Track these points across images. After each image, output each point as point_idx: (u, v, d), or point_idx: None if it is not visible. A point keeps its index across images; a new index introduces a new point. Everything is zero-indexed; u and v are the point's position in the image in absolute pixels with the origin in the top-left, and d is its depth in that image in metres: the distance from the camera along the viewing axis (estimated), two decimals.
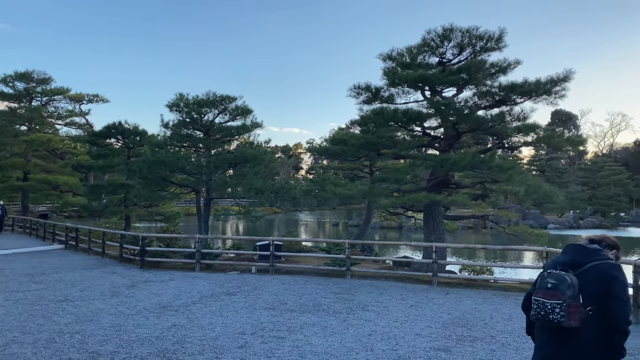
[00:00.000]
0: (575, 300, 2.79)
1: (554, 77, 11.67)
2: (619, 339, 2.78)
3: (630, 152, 78.79)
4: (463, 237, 31.87)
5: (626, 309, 2.79)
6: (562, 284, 2.82)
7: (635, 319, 7.88)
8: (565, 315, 2.78)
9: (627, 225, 45.11)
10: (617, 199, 48.48)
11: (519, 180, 12.13)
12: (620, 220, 47.16)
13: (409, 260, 15.68)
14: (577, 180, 52.86)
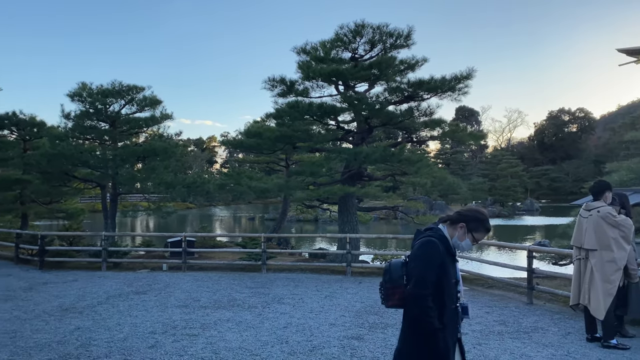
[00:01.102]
0: (392, 282, 3.01)
1: (457, 74, 12.36)
2: (410, 306, 2.96)
3: (526, 146, 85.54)
4: (376, 228, 32.93)
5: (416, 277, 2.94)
6: (385, 269, 3.10)
7: (528, 299, 8.56)
8: (383, 298, 3.06)
9: (522, 214, 48.94)
10: (514, 190, 52.42)
11: (426, 172, 12.74)
12: (516, 209, 51.05)
13: (325, 252, 15.94)
14: (478, 173, 56.46)
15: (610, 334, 5.90)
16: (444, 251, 3.11)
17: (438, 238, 3.14)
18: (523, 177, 56.62)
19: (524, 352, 5.78)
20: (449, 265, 3.13)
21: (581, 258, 6.06)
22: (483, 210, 3.29)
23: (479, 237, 3.19)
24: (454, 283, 3.14)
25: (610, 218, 5.81)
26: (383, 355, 5.66)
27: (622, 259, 5.82)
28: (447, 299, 3.09)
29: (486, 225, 3.19)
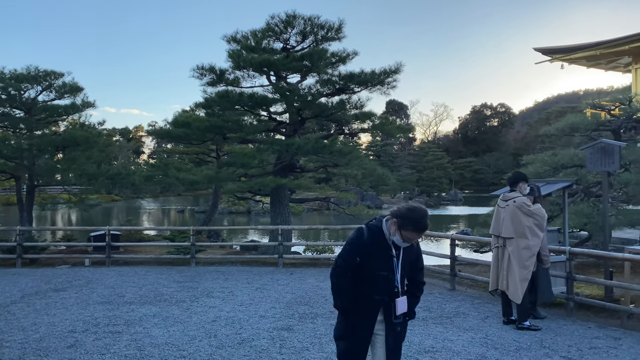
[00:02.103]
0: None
1: (386, 69, 12.63)
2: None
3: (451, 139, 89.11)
4: (308, 219, 33.14)
5: (337, 259, 3.39)
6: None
7: (451, 285, 8.96)
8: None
9: (447, 204, 51.09)
10: (439, 181, 54.63)
11: (356, 164, 12.96)
12: (441, 199, 53.24)
13: (256, 244, 15.84)
14: (407, 164, 58.27)
15: (524, 317, 6.30)
16: (372, 242, 3.22)
17: (370, 228, 3.28)
18: (448, 168, 59.07)
19: (446, 336, 6.04)
20: (377, 257, 3.22)
21: (499, 246, 6.41)
22: (419, 209, 3.26)
23: (407, 235, 3.20)
24: (384, 275, 3.22)
25: (525, 207, 6.18)
26: (312, 345, 5.72)
27: (536, 245, 6.22)
28: (366, 288, 3.24)
29: (416, 224, 3.17)
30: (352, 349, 3.32)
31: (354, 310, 3.27)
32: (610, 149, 7.34)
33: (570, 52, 21.48)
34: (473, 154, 78.34)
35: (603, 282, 7.14)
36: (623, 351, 5.48)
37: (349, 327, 3.30)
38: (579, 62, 22.43)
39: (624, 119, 12.55)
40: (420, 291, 3.52)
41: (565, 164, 12.46)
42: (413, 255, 3.38)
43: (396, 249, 3.25)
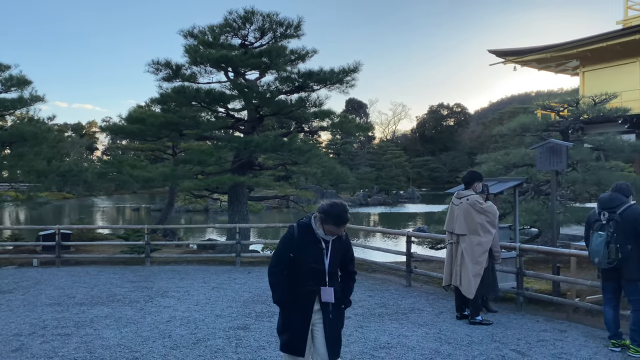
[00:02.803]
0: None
1: (345, 67, 12.70)
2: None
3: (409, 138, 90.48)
4: (268, 217, 33.00)
5: (272, 258, 3.72)
6: None
7: (407, 282, 9.10)
8: None
9: (405, 201, 51.94)
10: (398, 179, 55.46)
11: (316, 162, 12.98)
12: (399, 197, 54.06)
13: (214, 243, 15.64)
14: (366, 163, 58.84)
15: (476, 311, 6.48)
16: (302, 237, 3.52)
17: (300, 225, 3.59)
18: (406, 167, 60.03)
19: (402, 332, 6.13)
20: (308, 251, 3.51)
21: (453, 242, 6.56)
22: (339, 205, 3.52)
23: (328, 229, 3.48)
24: (315, 267, 3.50)
25: (478, 205, 6.34)
26: (268, 343, 5.69)
27: (488, 242, 6.39)
28: (301, 280, 3.52)
29: (335, 218, 3.44)
30: (293, 339, 3.56)
31: (291, 303, 3.54)
32: (558, 149, 7.62)
33: (523, 54, 22.21)
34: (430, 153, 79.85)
35: (551, 277, 7.43)
36: (568, 343, 5.71)
37: (289, 319, 3.57)
38: (530, 65, 23.23)
39: (572, 120, 13.09)
40: (352, 280, 3.82)
41: (516, 163, 12.88)
42: (343, 248, 3.66)
43: (325, 243, 3.53)
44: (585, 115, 12.73)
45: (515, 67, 23.23)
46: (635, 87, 19.48)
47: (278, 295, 3.61)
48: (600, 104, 12.60)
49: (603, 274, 5.58)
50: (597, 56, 20.45)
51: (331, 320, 3.57)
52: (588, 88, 20.96)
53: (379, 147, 64.78)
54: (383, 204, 47.32)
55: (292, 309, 3.56)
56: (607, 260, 5.28)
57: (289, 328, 3.58)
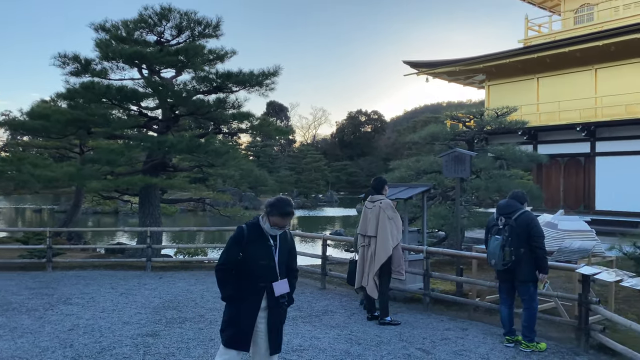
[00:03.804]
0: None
1: (265, 70, 12.67)
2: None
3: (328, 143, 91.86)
4: (183, 220, 32.06)
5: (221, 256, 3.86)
6: None
7: (322, 285, 9.24)
8: None
9: (323, 205, 52.62)
10: (317, 183, 56.06)
11: (233, 165, 12.81)
12: (318, 201, 54.69)
13: (123, 247, 14.95)
14: (286, 166, 58.94)
15: (385, 312, 6.72)
16: (251, 236, 3.72)
17: (249, 225, 3.79)
18: (325, 171, 60.83)
19: (314, 334, 6.23)
20: (257, 248, 3.71)
21: (365, 245, 6.77)
22: (284, 199, 3.80)
23: (274, 221, 3.73)
24: (265, 264, 3.70)
25: (390, 210, 6.60)
26: (178, 350, 5.55)
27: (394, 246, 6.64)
28: (250, 277, 3.69)
29: (280, 210, 3.70)
30: (239, 334, 3.69)
31: (239, 299, 3.69)
32: (462, 157, 8.11)
33: (434, 66, 23.40)
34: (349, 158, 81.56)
35: (455, 279, 7.87)
36: (469, 340, 6.09)
37: (236, 314, 3.69)
38: (441, 77, 24.52)
39: (477, 130, 13.95)
40: (295, 278, 4.02)
41: (426, 170, 13.51)
42: (288, 244, 3.92)
43: (273, 240, 3.77)
44: (489, 127, 13.63)
45: (428, 78, 24.43)
46: (534, 101, 21.18)
47: (227, 291, 3.74)
48: (502, 116, 13.55)
49: (499, 275, 6.02)
50: (501, 72, 22.03)
51: (275, 316, 3.77)
52: (493, 101, 22.51)
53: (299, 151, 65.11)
54: (302, 207, 47.62)
55: (240, 305, 3.69)
56: (502, 262, 5.70)
57: (235, 324, 3.69)
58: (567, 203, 20.16)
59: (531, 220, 5.74)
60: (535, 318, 5.82)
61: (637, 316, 7.13)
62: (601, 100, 19.03)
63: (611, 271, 5.51)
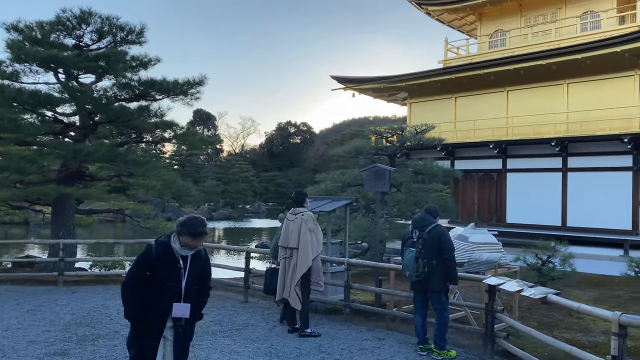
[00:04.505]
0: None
1: (190, 80, 12.47)
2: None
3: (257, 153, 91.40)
4: (101, 232, 30.63)
5: (127, 274, 3.81)
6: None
7: (244, 298, 9.18)
8: None
9: (251, 216, 52.17)
10: (244, 194, 55.50)
11: (154, 175, 12.43)
12: (245, 212, 54.16)
13: (32, 260, 14.04)
14: (213, 176, 57.89)
15: (306, 324, 6.80)
16: (160, 256, 3.58)
17: (158, 244, 3.65)
18: (253, 181, 60.39)
19: (233, 348, 6.18)
20: (165, 270, 3.58)
21: (287, 257, 6.84)
22: (196, 218, 3.67)
23: (185, 241, 3.62)
24: (172, 286, 3.58)
25: (311, 222, 6.73)
26: None
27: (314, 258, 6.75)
28: (156, 297, 3.59)
29: (191, 230, 3.60)
30: (145, 353, 3.62)
31: (143, 319, 3.60)
32: (382, 172, 8.42)
33: (360, 83, 24.09)
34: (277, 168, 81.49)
35: (374, 289, 8.11)
36: (385, 350, 6.30)
37: (140, 334, 3.62)
38: (367, 93, 25.26)
39: (398, 145, 14.52)
40: (207, 295, 3.98)
41: (350, 183, 13.86)
42: (201, 263, 3.80)
43: (184, 260, 3.65)
44: (409, 143, 14.23)
45: (354, 94, 25.08)
46: (451, 119, 22.33)
47: (129, 310, 3.66)
48: (421, 133, 14.20)
49: (413, 286, 6.30)
50: (422, 90, 23.06)
51: (181, 335, 3.71)
52: (414, 118, 23.50)
53: (226, 161, 64.23)
54: (228, 218, 46.93)
55: (145, 324, 3.61)
56: (415, 274, 5.98)
57: (140, 342, 3.62)
58: (481, 216, 21.37)
59: (442, 233, 6.08)
60: (446, 327, 6.14)
61: (539, 323, 7.73)
62: (512, 120, 20.43)
63: (514, 282, 5.93)
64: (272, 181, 74.85)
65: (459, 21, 25.92)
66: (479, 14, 24.15)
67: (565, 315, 8.05)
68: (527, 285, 5.68)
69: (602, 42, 17.51)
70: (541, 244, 9.39)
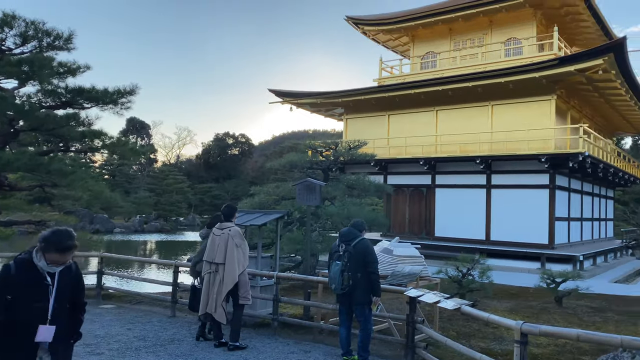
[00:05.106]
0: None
1: (121, 89, 12.12)
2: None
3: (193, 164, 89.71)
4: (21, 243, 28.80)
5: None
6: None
7: (172, 312, 9.02)
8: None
9: (184, 229, 50.92)
10: (178, 205, 54.16)
11: (80, 185, 11.94)
12: (179, 224, 52.83)
13: None
14: (145, 187, 56.14)
15: (236, 337, 6.80)
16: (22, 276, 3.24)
17: (18, 262, 3.31)
18: (188, 193, 59.11)
19: None
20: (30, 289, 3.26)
21: (212, 271, 6.82)
22: (63, 232, 3.38)
23: (51, 258, 3.31)
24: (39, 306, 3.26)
25: (238, 238, 6.76)
26: None
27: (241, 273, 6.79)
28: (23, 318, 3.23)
29: (57, 245, 3.30)
30: None
31: (12, 343, 3.22)
32: (313, 187, 8.60)
33: (298, 97, 24.39)
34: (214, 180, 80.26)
35: (302, 302, 8.23)
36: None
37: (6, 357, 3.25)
38: (304, 107, 25.61)
39: (333, 160, 14.83)
40: (82, 312, 3.67)
41: (285, 196, 13.98)
42: (73, 279, 3.51)
43: (51, 277, 3.33)
44: (342, 158, 14.57)
45: (292, 107, 25.35)
46: (385, 136, 23.04)
47: None
48: (354, 149, 14.58)
49: (339, 299, 6.47)
50: (357, 107, 23.69)
51: (58, 356, 3.43)
52: (350, 133, 24.06)
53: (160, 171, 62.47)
54: (161, 230, 45.58)
55: (13, 349, 3.26)
56: (341, 287, 6.16)
57: None
58: (411, 229, 22.12)
59: (367, 247, 6.31)
60: (369, 338, 6.35)
61: (457, 333, 8.13)
62: (440, 138, 21.39)
63: (432, 293, 6.24)
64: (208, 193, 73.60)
65: (393, 42, 26.92)
66: (412, 35, 25.20)
67: (482, 325, 8.51)
68: (444, 297, 6.00)
69: (523, 67, 18.80)
70: (462, 256, 9.89)
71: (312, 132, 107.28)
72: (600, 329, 8.63)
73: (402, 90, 21.53)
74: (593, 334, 4.35)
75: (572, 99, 21.36)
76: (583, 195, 23.10)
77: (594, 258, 20.47)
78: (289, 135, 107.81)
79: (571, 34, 23.64)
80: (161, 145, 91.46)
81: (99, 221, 40.20)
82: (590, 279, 16.48)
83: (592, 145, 20.10)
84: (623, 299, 12.49)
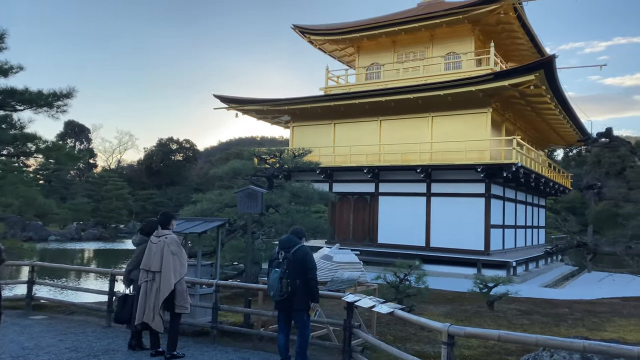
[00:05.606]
0: None
1: (57, 91, 11.76)
2: None
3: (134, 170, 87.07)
4: None
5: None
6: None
7: (107, 322, 8.76)
8: None
9: (125, 236, 49.23)
10: (118, 212, 52.33)
11: (11, 191, 11.45)
12: (119, 231, 51.04)
13: None
14: (83, 193, 53.94)
15: (174, 347, 6.70)
16: None
17: None
18: (129, 199, 57.25)
19: None
20: None
21: (148, 280, 6.70)
22: None
23: None
24: None
25: (174, 245, 6.70)
26: None
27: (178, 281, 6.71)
28: None
29: None
30: None
31: None
32: (255, 194, 8.64)
33: (243, 104, 24.30)
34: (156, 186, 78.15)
35: (242, 310, 8.21)
36: None
37: None
38: (250, 114, 25.53)
39: (277, 168, 14.88)
40: None
41: (229, 203, 13.89)
42: None
43: None
44: (287, 166, 14.66)
45: (237, 114, 25.21)
46: (330, 144, 23.34)
47: None
48: (299, 157, 14.71)
49: (277, 305, 6.53)
50: (304, 115, 23.88)
51: None
52: (296, 141, 24.19)
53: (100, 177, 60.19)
54: (99, 238, 43.91)
55: None
56: (279, 293, 6.22)
57: None
58: (355, 236, 22.47)
59: (306, 253, 6.41)
60: (307, 344, 6.44)
61: (394, 337, 8.37)
62: (384, 147, 21.92)
63: (368, 298, 6.42)
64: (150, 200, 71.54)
65: (339, 52, 27.37)
66: (358, 46, 25.72)
67: (418, 329, 8.80)
68: (380, 302, 6.19)
69: (461, 81, 19.62)
70: (399, 262, 10.19)
71: (259, 139, 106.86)
72: (526, 330, 9.12)
73: (348, 99, 21.93)
74: (512, 334, 4.64)
75: (506, 112, 22.46)
76: (517, 204, 24.28)
77: (526, 264, 21.53)
78: (236, 141, 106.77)
79: (507, 50, 24.90)
80: (101, 150, 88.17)
81: (32, 229, 38.26)
82: (522, 283, 17.34)
83: (525, 156, 21.21)
84: (550, 302, 13.22)
